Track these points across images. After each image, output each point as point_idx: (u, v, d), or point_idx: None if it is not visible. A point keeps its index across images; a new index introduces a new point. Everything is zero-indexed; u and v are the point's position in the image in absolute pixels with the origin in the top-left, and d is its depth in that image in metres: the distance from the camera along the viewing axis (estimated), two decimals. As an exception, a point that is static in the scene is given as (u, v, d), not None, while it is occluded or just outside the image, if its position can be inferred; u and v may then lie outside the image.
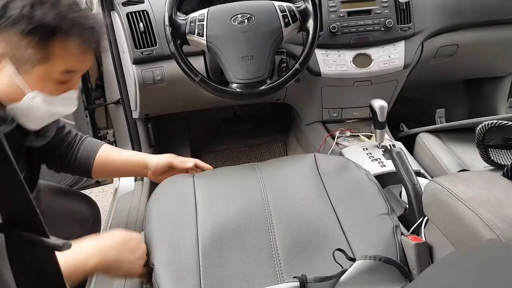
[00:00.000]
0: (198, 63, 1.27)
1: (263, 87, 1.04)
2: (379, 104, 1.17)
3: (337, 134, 1.41)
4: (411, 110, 1.95)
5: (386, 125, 1.45)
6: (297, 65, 1.04)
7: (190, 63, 1.02)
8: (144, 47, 1.26)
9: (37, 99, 0.72)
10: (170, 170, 1.05)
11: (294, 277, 0.71)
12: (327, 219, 0.85)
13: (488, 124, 0.96)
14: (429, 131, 1.28)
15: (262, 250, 0.80)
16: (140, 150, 1.58)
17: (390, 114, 1.58)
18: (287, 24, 1.03)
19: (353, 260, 0.72)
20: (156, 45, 1.26)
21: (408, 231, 0.87)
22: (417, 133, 1.30)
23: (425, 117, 1.74)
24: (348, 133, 1.43)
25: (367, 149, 1.26)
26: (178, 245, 0.80)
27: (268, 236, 0.82)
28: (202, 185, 0.93)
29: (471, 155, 1.15)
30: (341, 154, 1.30)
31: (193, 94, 1.34)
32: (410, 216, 0.90)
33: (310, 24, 1.04)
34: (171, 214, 0.87)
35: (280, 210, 0.86)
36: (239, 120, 2.00)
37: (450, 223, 0.71)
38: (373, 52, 1.30)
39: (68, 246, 0.41)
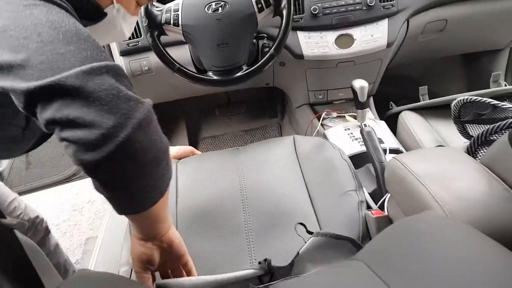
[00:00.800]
0: (183, 52, 1.30)
1: (239, 74, 1.06)
2: (359, 84, 1.19)
3: (323, 115, 1.43)
4: (405, 88, 1.94)
5: (373, 105, 1.47)
6: (271, 50, 1.05)
7: (167, 53, 1.05)
8: (130, 39, 1.29)
9: (120, 11, 0.72)
10: None
11: (259, 263, 0.73)
12: (299, 198, 0.88)
13: (461, 100, 0.97)
14: (412, 109, 1.29)
15: (237, 229, 0.84)
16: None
17: (378, 93, 1.59)
18: (260, 10, 1.04)
19: (311, 233, 0.75)
20: (141, 36, 1.29)
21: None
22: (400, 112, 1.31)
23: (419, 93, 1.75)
24: (335, 114, 1.45)
25: (349, 129, 1.28)
26: None
27: (243, 216, 0.86)
28: (184, 170, 0.97)
29: (451, 132, 1.16)
30: (324, 135, 1.32)
31: (181, 83, 1.37)
32: (378, 192, 0.92)
33: (284, 8, 1.05)
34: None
35: (255, 191, 0.90)
36: (233, 105, 2.04)
37: (405, 197, 0.73)
38: (355, 32, 1.30)
39: (21, 225, 0.46)
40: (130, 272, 0.87)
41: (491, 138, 0.81)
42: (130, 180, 0.48)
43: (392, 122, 1.35)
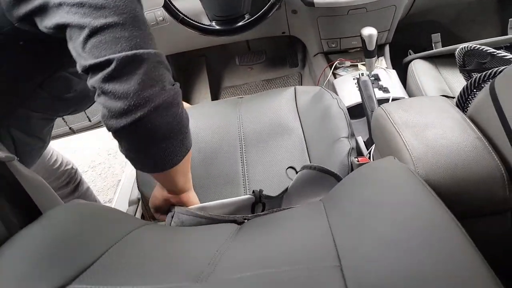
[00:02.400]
0: (192, 4, 1.31)
1: (241, 23, 1.08)
2: (368, 32, 1.16)
3: (335, 64, 1.43)
4: (437, 33, 1.85)
5: (388, 53, 1.44)
6: (272, -2, 1.06)
7: (172, 4, 1.09)
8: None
9: None
10: None
11: (253, 191, 0.81)
12: (297, 146, 0.93)
13: (463, 48, 0.94)
14: (424, 58, 1.25)
15: (234, 174, 0.91)
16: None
17: (399, 41, 1.55)
18: (262, -43, 1.04)
19: None
20: (154, -14, 1.32)
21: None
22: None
23: (450, 40, 1.67)
24: (348, 63, 1.44)
25: (357, 78, 1.27)
26: None
27: (240, 163, 0.92)
28: (191, 117, 1.03)
29: (460, 81, 1.14)
30: (333, 84, 1.33)
31: (194, 33, 1.41)
32: (370, 140, 0.95)
33: (287, -46, 1.04)
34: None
35: (253, 139, 0.95)
36: (254, 54, 2.04)
37: (384, 144, 0.76)
38: (367, -23, 1.26)
39: (9, 158, 0.54)
40: (136, 210, 0.97)
41: (482, 86, 0.79)
42: (142, 148, 0.59)
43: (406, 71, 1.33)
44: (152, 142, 0.59)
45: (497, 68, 0.73)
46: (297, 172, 0.81)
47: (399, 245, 0.37)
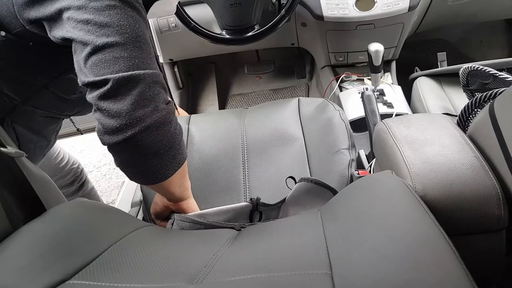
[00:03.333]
0: (204, 12, 1.34)
1: (250, 33, 1.11)
2: (374, 48, 1.18)
3: (342, 77, 1.44)
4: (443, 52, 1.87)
5: (394, 69, 1.46)
6: (282, 11, 1.08)
7: (184, 11, 1.11)
8: (157, -4, 1.36)
9: None
10: None
11: (250, 199, 0.83)
12: (298, 156, 0.94)
13: (466, 68, 0.95)
14: (430, 76, 1.27)
15: (235, 184, 0.92)
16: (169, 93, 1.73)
17: (406, 58, 1.57)
18: (274, -30, 1.06)
19: None
20: (167, -6, 1.35)
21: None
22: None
23: (457, 60, 1.68)
24: (354, 77, 1.46)
25: (361, 92, 1.29)
26: None
27: (241, 172, 0.94)
28: (194, 127, 1.05)
29: (464, 100, 1.15)
30: (338, 97, 1.35)
31: (205, 40, 1.44)
32: (372, 154, 0.96)
33: (298, -32, 1.06)
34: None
35: (255, 149, 0.97)
36: (263, 64, 2.07)
37: (384, 159, 0.77)
38: (376, -6, 1.28)
39: (18, 154, 0.56)
40: (138, 211, 0.99)
41: (484, 106, 0.80)
42: (134, 164, 0.62)
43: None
44: (143, 158, 0.61)
45: (498, 89, 0.75)
46: (296, 183, 0.83)
47: (388, 256, 0.39)
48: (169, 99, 0.65)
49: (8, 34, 0.66)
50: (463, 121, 0.84)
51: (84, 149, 2.31)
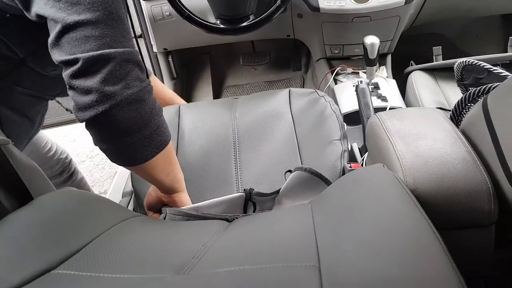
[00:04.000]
0: (199, 1, 1.33)
1: (245, 23, 1.09)
2: (370, 41, 1.18)
3: (337, 70, 1.44)
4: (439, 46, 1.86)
5: (390, 63, 1.46)
6: (278, 2, 1.07)
7: (178, 0, 1.10)
8: (152, -16, 1.34)
9: None
10: None
11: (244, 190, 0.82)
12: (289, 148, 0.94)
13: (461, 63, 0.95)
14: (424, 70, 1.26)
15: (227, 174, 0.92)
16: (162, 82, 1.71)
17: (402, 52, 1.56)
18: (270, -41, 1.05)
19: None
20: (162, -19, 1.33)
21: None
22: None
23: (453, 54, 1.67)
24: (350, 70, 1.45)
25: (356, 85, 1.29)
26: None
27: (233, 164, 0.93)
28: (186, 115, 1.05)
29: (458, 94, 1.15)
30: (333, 90, 1.34)
31: (199, 29, 1.42)
32: (364, 147, 0.96)
33: (294, -42, 1.05)
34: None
35: (246, 140, 0.96)
36: (258, 55, 2.06)
37: (376, 152, 0.77)
38: (373, -14, 1.27)
39: (3, 141, 0.55)
40: (128, 202, 0.98)
41: (477, 101, 0.80)
42: (109, 140, 0.63)
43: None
44: (116, 135, 0.62)
45: (492, 84, 0.74)
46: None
47: (376, 250, 0.38)
48: (146, 78, 0.65)
49: None
50: (457, 115, 0.84)
51: (77, 139, 2.29)
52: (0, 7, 0.65)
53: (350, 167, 0.83)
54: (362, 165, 0.88)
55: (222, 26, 1.10)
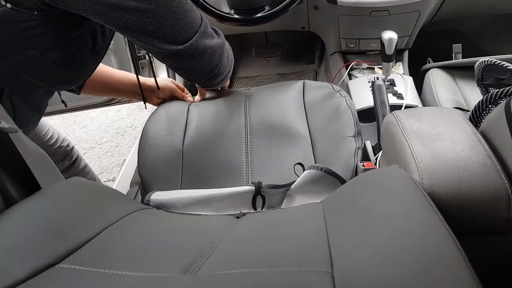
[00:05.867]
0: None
1: (260, 14, 1.07)
2: (388, 36, 1.14)
3: (352, 65, 1.41)
4: (457, 43, 1.81)
5: (407, 59, 1.42)
6: (294, -7, 1.04)
7: (192, -12, 1.07)
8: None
9: None
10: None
11: (252, 183, 0.81)
12: (302, 141, 0.92)
13: (482, 62, 0.92)
14: (443, 67, 1.23)
15: (237, 167, 0.91)
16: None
17: (421, 48, 1.52)
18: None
19: None
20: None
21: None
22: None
23: (472, 52, 1.63)
24: (365, 65, 1.42)
25: (372, 81, 1.26)
26: (165, 151, 0.93)
27: (244, 155, 0.92)
28: (195, 105, 1.03)
29: (477, 94, 1.11)
30: (347, 85, 1.31)
31: (212, 19, 1.39)
32: (378, 146, 0.93)
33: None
34: (164, 129, 0.99)
35: (258, 132, 0.94)
36: (271, 47, 2.03)
37: (392, 152, 0.75)
38: (393, -21, 1.23)
39: (13, 130, 0.54)
40: (136, 192, 0.98)
41: (499, 103, 0.77)
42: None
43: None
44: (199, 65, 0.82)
45: (516, 86, 0.72)
46: (304, 170, 0.81)
47: (392, 256, 0.37)
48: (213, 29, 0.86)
49: (15, 7, 0.65)
50: (476, 116, 0.81)
51: (87, 125, 2.30)
52: (31, 7, 0.66)
53: (363, 165, 0.81)
54: (375, 164, 0.86)
55: (236, 16, 1.08)
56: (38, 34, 0.70)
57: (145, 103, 1.08)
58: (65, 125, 2.33)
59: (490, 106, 0.79)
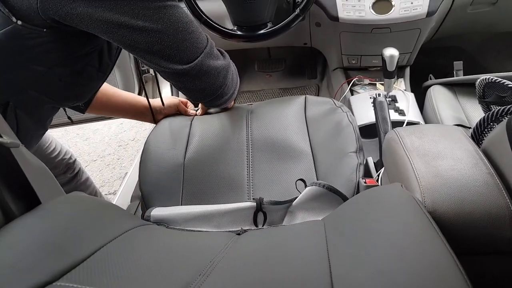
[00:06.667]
0: (217, 7, 1.31)
1: (262, 31, 1.08)
2: (389, 52, 1.15)
3: (354, 81, 1.41)
4: (458, 60, 1.82)
5: (408, 75, 1.43)
6: (297, 10, 1.05)
7: (196, 5, 1.09)
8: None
9: None
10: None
11: (253, 199, 0.81)
12: (303, 156, 0.92)
13: (483, 80, 0.92)
14: (444, 84, 1.23)
15: (239, 182, 0.90)
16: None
17: (422, 64, 1.53)
18: (289, -32, 1.04)
19: None
20: (179, -15, 1.33)
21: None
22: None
23: (473, 69, 1.64)
24: (367, 81, 1.43)
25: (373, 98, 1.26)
26: (167, 165, 0.93)
27: (246, 170, 0.91)
28: (198, 120, 1.04)
29: (479, 112, 1.11)
30: (349, 101, 1.32)
31: (215, 35, 1.41)
32: (380, 162, 0.93)
33: (315, -32, 1.03)
34: (166, 143, 0.99)
35: (260, 147, 0.94)
36: (273, 62, 2.04)
37: (393, 169, 0.74)
38: (395, -3, 1.25)
39: (14, 144, 0.54)
40: (136, 207, 0.97)
41: (501, 120, 0.77)
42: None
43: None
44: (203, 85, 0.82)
45: (517, 104, 0.72)
46: (306, 186, 0.80)
47: (392, 278, 0.36)
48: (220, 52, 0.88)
49: (25, 23, 0.65)
50: (478, 134, 0.81)
51: (89, 137, 2.31)
52: (41, 25, 0.67)
53: (365, 182, 0.81)
54: (377, 181, 0.85)
55: (239, 32, 1.09)
56: (46, 51, 0.71)
57: (156, 123, 1.09)
58: (68, 138, 2.34)
59: (492, 123, 0.79)
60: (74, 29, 0.68)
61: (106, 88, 1.04)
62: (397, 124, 1.08)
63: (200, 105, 1.08)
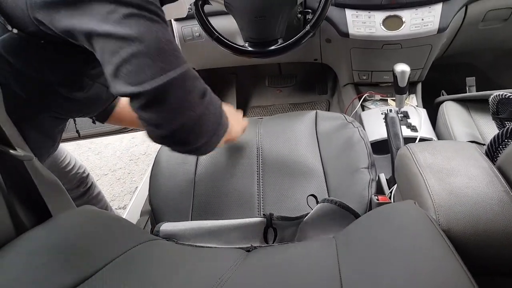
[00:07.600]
0: (229, 23, 1.33)
1: (273, 47, 1.09)
2: (400, 68, 1.15)
3: (365, 96, 1.41)
4: (470, 76, 1.81)
5: (420, 91, 1.42)
6: (307, 27, 1.06)
7: (208, 21, 1.10)
8: (183, 6, 1.36)
9: None
10: None
11: (263, 214, 0.80)
12: (315, 172, 0.91)
13: (497, 96, 0.91)
14: (457, 100, 1.22)
15: (249, 198, 0.90)
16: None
17: (434, 81, 1.52)
18: (301, -15, 1.04)
19: None
20: (194, 3, 1.35)
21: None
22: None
23: (485, 85, 1.62)
24: (378, 97, 1.42)
25: (385, 113, 1.25)
26: (177, 180, 0.93)
27: (256, 186, 0.91)
28: None
29: (493, 128, 1.10)
30: (360, 116, 1.31)
31: (227, 51, 1.42)
32: (392, 179, 0.92)
33: (325, -16, 1.04)
34: (176, 157, 0.99)
35: (270, 162, 0.94)
36: (284, 78, 2.05)
37: (406, 186, 0.73)
38: (405, 14, 1.25)
39: (28, 157, 0.54)
40: (146, 221, 0.97)
41: (515, 138, 0.76)
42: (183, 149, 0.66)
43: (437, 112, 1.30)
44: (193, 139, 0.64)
45: (532, 121, 0.70)
46: (317, 202, 0.79)
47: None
48: (204, 85, 0.65)
49: (20, 32, 0.65)
50: (492, 151, 0.80)
51: (101, 151, 2.33)
52: (36, 33, 0.65)
53: (378, 199, 0.80)
54: (390, 198, 0.84)
55: (250, 49, 1.10)
56: (48, 64, 0.71)
57: None
58: (80, 151, 2.36)
59: (506, 140, 0.78)
60: (68, 42, 0.65)
61: (123, 99, 1.02)
62: (409, 140, 1.07)
63: None
